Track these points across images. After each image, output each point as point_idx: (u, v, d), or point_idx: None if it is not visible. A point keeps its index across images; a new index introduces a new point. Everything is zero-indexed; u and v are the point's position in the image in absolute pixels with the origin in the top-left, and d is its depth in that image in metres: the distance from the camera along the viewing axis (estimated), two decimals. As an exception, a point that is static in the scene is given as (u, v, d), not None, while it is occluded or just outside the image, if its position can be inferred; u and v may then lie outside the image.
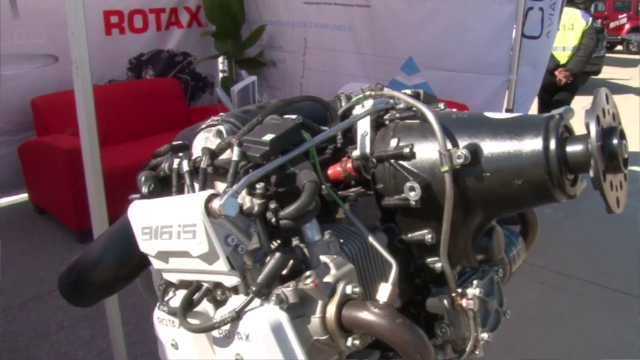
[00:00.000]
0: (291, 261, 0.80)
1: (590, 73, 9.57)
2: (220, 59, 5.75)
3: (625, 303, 3.44)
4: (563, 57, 5.59)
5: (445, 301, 0.94)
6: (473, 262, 0.97)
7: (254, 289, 0.76)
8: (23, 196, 4.76)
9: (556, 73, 5.39)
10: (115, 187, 2.07)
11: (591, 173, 0.79)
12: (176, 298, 0.90)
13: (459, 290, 0.94)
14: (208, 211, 0.75)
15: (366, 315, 0.77)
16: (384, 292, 0.81)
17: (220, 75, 5.82)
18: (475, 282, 0.95)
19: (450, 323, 0.96)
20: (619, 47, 17.10)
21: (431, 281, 0.98)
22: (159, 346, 0.98)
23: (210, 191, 0.77)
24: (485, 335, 0.96)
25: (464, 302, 0.93)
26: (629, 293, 3.52)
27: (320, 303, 0.78)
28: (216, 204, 0.74)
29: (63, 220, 4.30)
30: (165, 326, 0.93)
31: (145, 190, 0.99)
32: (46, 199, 4.49)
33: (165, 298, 0.93)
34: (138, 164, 1.05)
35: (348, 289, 0.79)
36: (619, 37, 16.96)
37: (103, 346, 2.99)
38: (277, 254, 0.78)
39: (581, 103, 0.88)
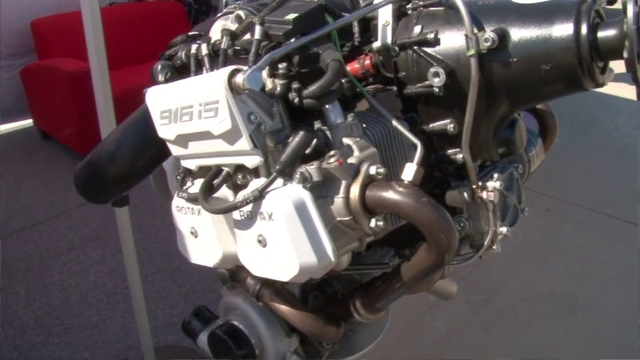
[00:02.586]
0: (315, 140, 0.79)
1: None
2: (224, -18, 5.57)
3: (628, 231, 3.47)
4: None
5: (465, 194, 0.92)
6: (494, 155, 0.95)
7: (277, 167, 0.75)
8: (28, 122, 4.73)
9: None
10: (118, 111, 2.03)
11: (625, 55, 0.76)
12: (195, 187, 0.90)
13: (479, 183, 0.93)
14: (231, 87, 0.73)
15: (391, 194, 0.75)
16: (409, 171, 0.79)
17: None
18: (495, 175, 0.94)
19: (469, 217, 0.95)
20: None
21: (450, 175, 0.97)
22: (177, 236, 0.98)
23: (233, 66, 0.75)
24: (504, 229, 0.95)
25: (484, 195, 0.92)
26: (633, 222, 3.54)
27: (344, 183, 0.77)
28: (239, 78, 0.72)
29: (68, 144, 4.29)
30: (184, 214, 0.92)
31: (161, 78, 0.96)
32: (51, 124, 4.46)
33: (184, 187, 0.92)
34: (141, 87, 0.98)
35: (372, 170, 0.77)
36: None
37: (113, 265, 3.06)
38: (301, 132, 0.76)
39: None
